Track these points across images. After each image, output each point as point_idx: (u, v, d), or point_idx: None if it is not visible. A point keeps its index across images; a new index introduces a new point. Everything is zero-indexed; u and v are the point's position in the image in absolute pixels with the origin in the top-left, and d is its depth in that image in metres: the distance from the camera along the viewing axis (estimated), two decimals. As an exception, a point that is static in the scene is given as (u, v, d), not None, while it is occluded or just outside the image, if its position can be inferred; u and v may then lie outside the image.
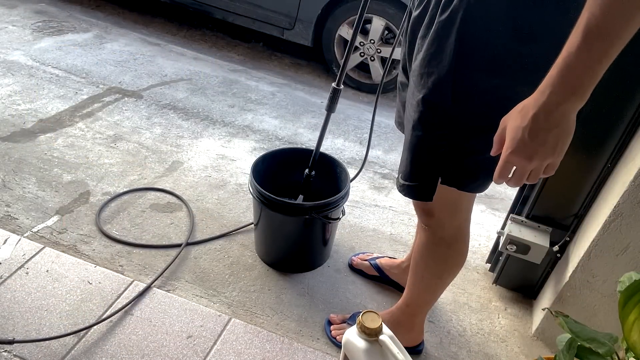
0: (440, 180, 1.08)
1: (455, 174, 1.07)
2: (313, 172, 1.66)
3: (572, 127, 0.76)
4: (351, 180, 1.69)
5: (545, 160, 0.78)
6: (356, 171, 2.29)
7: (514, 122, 0.78)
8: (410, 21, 1.07)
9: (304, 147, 2.36)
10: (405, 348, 1.32)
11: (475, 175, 1.07)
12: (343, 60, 1.44)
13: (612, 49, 0.67)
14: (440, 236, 1.24)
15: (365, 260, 1.76)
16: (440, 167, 1.07)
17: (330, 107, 1.52)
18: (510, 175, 0.82)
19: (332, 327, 1.53)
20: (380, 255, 1.78)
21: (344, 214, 1.70)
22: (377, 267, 1.72)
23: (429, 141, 1.05)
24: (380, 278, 1.72)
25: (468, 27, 0.91)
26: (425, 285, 1.36)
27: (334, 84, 1.49)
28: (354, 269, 1.77)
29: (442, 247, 1.26)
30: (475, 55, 0.93)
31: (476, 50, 0.93)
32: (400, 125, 1.33)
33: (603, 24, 0.66)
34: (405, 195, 1.15)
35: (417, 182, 1.11)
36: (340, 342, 1.33)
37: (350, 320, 1.53)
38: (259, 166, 1.67)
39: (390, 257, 1.77)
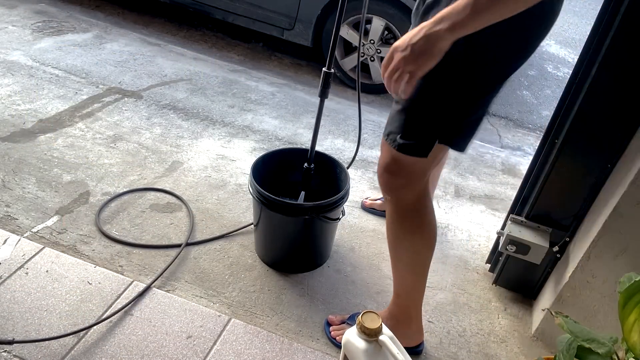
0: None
1: (450, 132, 1.15)
2: (312, 165, 1.65)
3: (437, 52, 0.96)
4: (348, 167, 1.70)
5: (408, 63, 0.98)
6: (356, 171, 2.31)
7: (414, 30, 0.98)
8: (425, 5, 1.12)
9: (304, 147, 2.36)
10: (405, 348, 1.33)
11: (465, 134, 1.17)
12: (332, 40, 1.42)
13: (480, 19, 0.92)
14: (404, 205, 1.28)
15: (377, 199, 2.03)
16: (440, 126, 1.15)
17: (323, 93, 1.49)
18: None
19: (331, 327, 1.53)
20: None
21: (344, 214, 1.70)
22: None
23: (434, 99, 1.12)
24: None
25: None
26: (405, 265, 1.38)
27: (324, 68, 1.46)
28: (366, 209, 2.06)
29: (409, 217, 1.30)
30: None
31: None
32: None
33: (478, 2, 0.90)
34: (401, 152, 1.18)
35: (415, 140, 1.16)
36: (340, 343, 1.33)
37: (350, 321, 1.53)
38: (259, 166, 1.67)
39: None
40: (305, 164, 1.65)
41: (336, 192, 1.60)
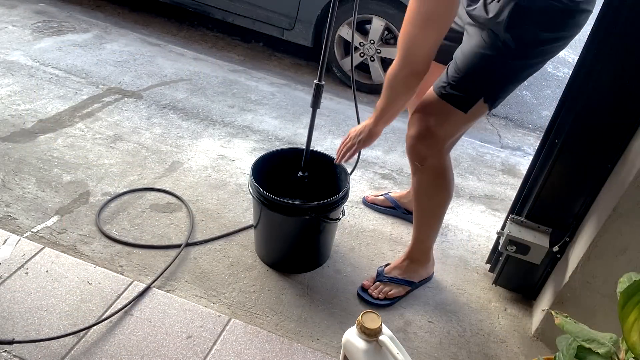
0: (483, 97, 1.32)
1: (495, 92, 1.33)
2: (306, 173, 1.68)
3: (373, 135, 1.51)
4: (350, 173, 1.71)
5: (355, 138, 1.54)
6: (356, 171, 2.30)
7: (366, 122, 1.53)
8: None
9: (304, 147, 2.36)
10: (423, 281, 1.73)
11: (503, 96, 1.36)
12: (322, 54, 1.48)
13: (389, 114, 1.44)
14: (435, 169, 1.47)
15: (379, 195, 2.07)
16: (489, 85, 1.32)
17: (315, 103, 1.55)
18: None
19: (369, 290, 1.65)
20: (390, 191, 2.11)
21: (343, 214, 1.70)
22: (393, 200, 2.03)
23: (489, 64, 1.28)
24: (394, 209, 2.03)
25: None
26: (431, 216, 1.59)
27: (315, 81, 1.51)
28: (368, 204, 2.08)
29: (439, 177, 1.50)
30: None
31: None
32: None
33: (384, 106, 1.42)
34: (446, 100, 1.33)
35: (464, 93, 1.31)
36: (385, 300, 1.64)
37: (379, 279, 1.67)
38: (259, 166, 1.67)
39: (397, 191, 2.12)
40: (299, 172, 1.68)
41: (336, 192, 1.60)
